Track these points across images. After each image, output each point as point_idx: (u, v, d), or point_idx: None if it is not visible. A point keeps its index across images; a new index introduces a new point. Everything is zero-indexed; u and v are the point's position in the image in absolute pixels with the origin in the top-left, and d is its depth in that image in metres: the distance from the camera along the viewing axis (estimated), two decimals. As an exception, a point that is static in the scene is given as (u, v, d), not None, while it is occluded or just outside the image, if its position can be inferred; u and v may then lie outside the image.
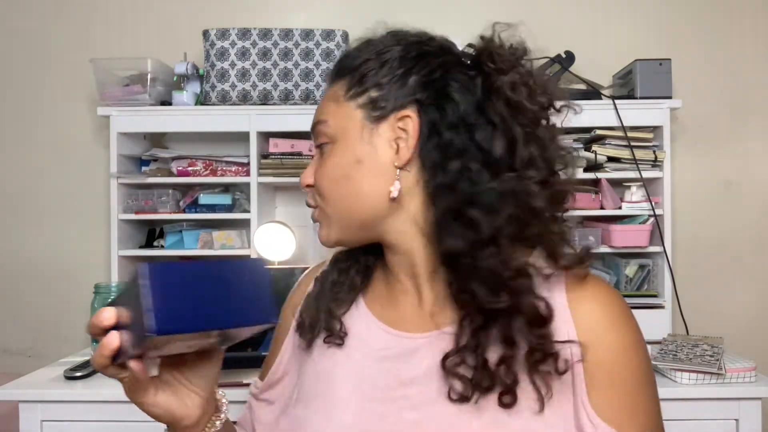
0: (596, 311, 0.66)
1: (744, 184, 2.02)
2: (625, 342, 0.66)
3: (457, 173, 0.64)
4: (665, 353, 1.48)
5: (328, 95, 0.72)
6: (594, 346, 0.64)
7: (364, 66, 0.69)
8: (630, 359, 0.65)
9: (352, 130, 0.68)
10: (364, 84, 0.68)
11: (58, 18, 2.10)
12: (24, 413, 1.43)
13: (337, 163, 0.69)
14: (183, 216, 1.90)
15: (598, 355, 0.64)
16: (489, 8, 1.98)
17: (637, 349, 0.66)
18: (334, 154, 0.69)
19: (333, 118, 0.70)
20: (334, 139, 0.69)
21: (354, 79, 0.69)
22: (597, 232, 1.81)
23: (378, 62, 0.68)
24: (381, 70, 0.68)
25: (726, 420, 1.42)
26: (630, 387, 0.64)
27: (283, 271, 1.74)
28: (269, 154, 1.86)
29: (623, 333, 0.66)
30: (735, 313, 2.01)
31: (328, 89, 0.73)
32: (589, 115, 1.80)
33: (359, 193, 0.68)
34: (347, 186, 0.68)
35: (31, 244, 2.09)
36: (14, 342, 2.10)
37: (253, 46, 1.84)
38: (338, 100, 0.70)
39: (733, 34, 2.03)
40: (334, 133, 0.69)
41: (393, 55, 0.68)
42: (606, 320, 0.66)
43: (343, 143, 0.69)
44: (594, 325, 0.65)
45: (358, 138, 0.68)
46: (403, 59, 0.68)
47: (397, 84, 0.67)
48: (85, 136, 2.09)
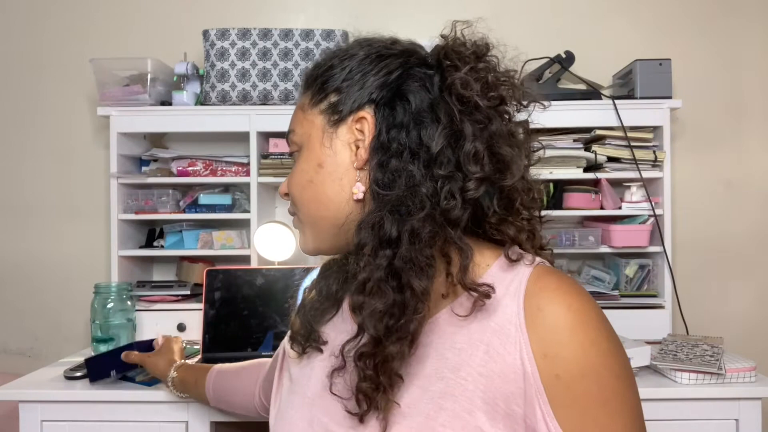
0: (554, 320, 0.59)
1: (744, 184, 2.02)
2: (587, 360, 0.58)
3: (393, 172, 0.64)
4: (665, 353, 1.48)
5: (297, 106, 0.75)
6: (550, 357, 0.59)
7: (326, 73, 0.71)
8: (595, 379, 0.58)
9: (314, 136, 0.70)
10: (325, 90, 0.70)
11: (58, 18, 2.10)
12: (24, 413, 1.43)
13: (303, 169, 0.71)
14: (183, 216, 1.90)
15: (555, 369, 0.58)
16: (489, 8, 1.97)
17: (602, 368, 0.59)
18: (300, 160, 0.72)
19: (299, 126, 0.72)
20: (301, 147, 0.72)
21: (317, 86, 0.71)
22: (597, 232, 1.81)
23: (339, 68, 0.70)
24: (341, 74, 0.69)
25: (726, 420, 1.42)
26: (596, 410, 0.58)
27: (283, 271, 1.74)
28: (269, 154, 1.86)
29: (584, 349, 0.59)
30: (735, 313, 2.01)
31: (297, 100, 0.76)
32: (589, 115, 1.80)
33: (324, 197, 0.69)
34: (312, 191, 0.70)
35: (31, 244, 2.09)
36: (14, 342, 2.10)
37: (253, 46, 1.84)
38: (304, 109, 0.72)
39: (733, 34, 2.03)
40: (301, 141, 0.72)
41: (354, 60, 0.69)
42: (564, 331, 0.59)
43: (307, 150, 0.71)
44: (550, 336, 0.59)
45: (319, 143, 0.70)
46: (363, 62, 0.69)
47: (356, 87, 0.68)
48: (85, 136, 2.09)
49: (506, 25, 2.02)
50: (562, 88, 1.88)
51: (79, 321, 2.04)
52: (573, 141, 1.81)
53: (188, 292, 1.88)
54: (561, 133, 1.82)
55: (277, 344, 1.68)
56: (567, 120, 1.80)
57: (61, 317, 2.07)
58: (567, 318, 0.59)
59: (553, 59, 1.85)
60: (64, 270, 2.08)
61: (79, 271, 2.06)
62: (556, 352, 0.59)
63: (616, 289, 1.82)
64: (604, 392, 0.58)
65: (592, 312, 0.61)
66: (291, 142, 0.74)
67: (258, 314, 1.70)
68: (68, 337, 2.06)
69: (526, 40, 1.96)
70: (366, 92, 0.68)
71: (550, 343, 0.59)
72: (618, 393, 0.59)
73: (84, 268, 2.06)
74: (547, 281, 0.63)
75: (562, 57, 1.86)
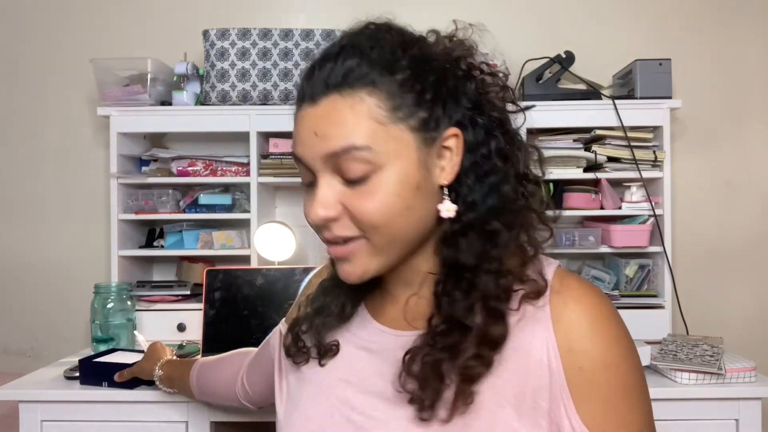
0: (578, 317, 0.63)
1: (744, 184, 2.02)
2: (610, 352, 0.62)
3: (490, 185, 0.66)
4: (665, 353, 1.48)
5: (354, 109, 0.61)
6: (575, 352, 0.61)
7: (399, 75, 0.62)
8: (615, 371, 0.62)
9: (408, 156, 0.62)
10: (406, 102, 0.62)
11: (58, 18, 2.10)
12: (24, 413, 1.43)
13: (397, 193, 0.61)
14: (183, 216, 1.90)
15: (580, 362, 0.61)
16: (490, 8, 1.98)
17: (623, 361, 0.63)
18: (387, 182, 0.61)
19: (380, 143, 0.61)
20: (382, 166, 0.61)
21: (392, 95, 0.61)
22: (597, 232, 1.81)
23: (409, 75, 0.62)
24: (414, 83, 0.62)
25: (726, 420, 1.42)
26: (616, 400, 0.62)
27: (283, 271, 1.74)
28: (269, 154, 1.86)
29: (608, 342, 0.62)
30: (735, 313, 2.01)
31: (339, 96, 0.61)
32: (589, 115, 1.80)
33: (417, 221, 0.64)
34: (409, 214, 0.63)
35: (31, 244, 2.09)
36: (14, 342, 2.10)
37: (253, 47, 1.84)
38: (379, 120, 0.61)
39: (733, 34, 2.03)
40: (382, 161, 0.61)
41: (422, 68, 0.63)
42: (588, 327, 0.62)
43: (394, 171, 0.61)
44: (575, 331, 0.62)
45: (416, 164, 0.62)
46: (433, 71, 0.64)
47: (439, 101, 0.64)
48: (85, 136, 2.09)
49: (506, 25, 2.04)
50: (562, 88, 1.88)
51: (79, 321, 2.04)
52: (573, 141, 1.81)
53: (188, 292, 1.88)
54: (561, 133, 1.82)
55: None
56: (567, 120, 1.80)
57: (61, 317, 2.07)
58: (592, 314, 0.63)
59: (553, 59, 1.85)
60: (64, 270, 2.08)
61: (79, 271, 2.06)
62: (580, 346, 0.62)
63: (616, 289, 1.82)
64: (624, 384, 0.62)
65: (613, 311, 0.65)
66: (360, 160, 0.60)
67: (258, 314, 1.70)
68: (68, 337, 2.06)
69: (526, 40, 1.96)
70: (451, 108, 0.65)
71: (575, 338, 0.62)
72: (636, 386, 0.63)
73: (84, 268, 2.06)
74: (570, 280, 0.66)
75: (562, 57, 1.86)
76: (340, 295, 0.75)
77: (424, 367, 0.62)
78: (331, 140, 0.61)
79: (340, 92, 0.61)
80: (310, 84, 0.63)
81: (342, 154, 0.61)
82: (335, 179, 0.63)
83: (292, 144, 0.66)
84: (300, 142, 0.64)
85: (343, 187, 0.63)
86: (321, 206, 0.63)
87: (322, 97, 0.62)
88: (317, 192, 0.63)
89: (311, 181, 0.65)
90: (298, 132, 0.65)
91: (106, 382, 1.42)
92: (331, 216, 0.63)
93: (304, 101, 0.64)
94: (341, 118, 0.61)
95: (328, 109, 0.61)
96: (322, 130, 0.61)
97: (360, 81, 0.61)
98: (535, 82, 1.84)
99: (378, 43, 0.63)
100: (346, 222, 0.63)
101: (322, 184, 0.63)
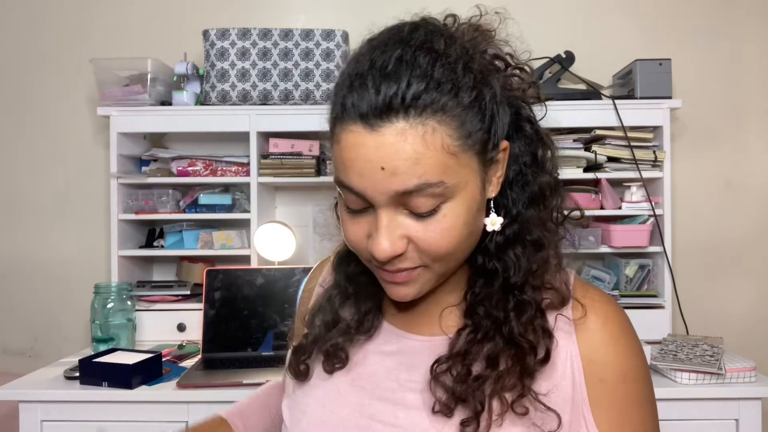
0: (601, 329, 0.63)
1: (744, 184, 2.02)
2: (629, 364, 0.63)
3: (530, 195, 0.65)
4: (665, 353, 1.48)
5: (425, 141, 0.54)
6: (596, 363, 0.62)
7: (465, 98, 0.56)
8: (634, 383, 0.62)
9: (473, 182, 0.58)
10: (473, 127, 0.57)
11: (58, 18, 2.10)
12: (24, 413, 1.43)
13: (464, 221, 0.58)
14: (183, 216, 1.90)
15: (601, 373, 0.61)
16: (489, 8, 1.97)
17: (640, 374, 0.63)
18: (456, 212, 0.58)
19: (452, 175, 0.56)
20: (452, 197, 0.57)
21: (461, 122, 0.56)
22: (597, 232, 1.81)
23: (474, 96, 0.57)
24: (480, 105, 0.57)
25: (726, 420, 1.42)
26: (632, 412, 0.62)
27: (283, 271, 1.74)
28: (269, 154, 1.86)
29: (627, 354, 0.63)
30: (735, 313, 2.01)
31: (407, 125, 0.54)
32: (589, 115, 1.80)
33: (474, 240, 0.62)
34: (470, 237, 0.61)
35: (31, 244, 2.09)
36: (14, 342, 2.10)
37: (253, 46, 1.84)
38: (451, 151, 0.55)
39: (733, 34, 2.03)
40: (453, 193, 0.57)
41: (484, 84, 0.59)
42: (610, 339, 0.62)
43: (462, 198, 0.58)
44: (598, 343, 0.62)
45: (477, 187, 0.59)
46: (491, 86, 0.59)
47: (495, 118, 0.60)
48: (85, 136, 2.09)
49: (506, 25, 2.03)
50: (562, 88, 1.88)
51: (79, 321, 2.04)
52: (573, 141, 1.81)
53: (188, 292, 1.88)
54: (561, 133, 1.82)
55: (277, 344, 1.68)
56: (567, 120, 1.80)
57: (61, 317, 2.07)
58: (612, 326, 0.63)
59: (553, 59, 1.85)
60: (64, 270, 2.08)
61: (79, 271, 2.06)
62: (601, 357, 0.62)
63: (616, 289, 1.82)
64: (641, 395, 0.63)
65: (628, 321, 0.65)
66: (433, 195, 0.56)
67: (258, 314, 1.70)
68: (68, 337, 2.06)
69: (526, 40, 1.96)
70: (500, 124, 0.60)
71: (597, 349, 0.62)
72: (649, 396, 0.64)
73: (84, 268, 2.06)
74: (591, 291, 0.66)
75: (562, 57, 1.86)
76: (353, 305, 0.71)
77: (459, 376, 0.61)
78: (402, 177, 0.54)
79: (408, 120, 0.54)
80: (362, 102, 0.55)
81: (414, 192, 0.55)
82: (399, 212, 0.58)
83: (340, 170, 0.58)
84: (358, 173, 0.56)
85: (408, 221, 0.58)
86: (388, 242, 0.57)
87: (385, 124, 0.54)
88: (381, 227, 0.57)
89: (363, 209, 0.59)
90: (351, 160, 0.56)
91: (106, 382, 1.42)
92: (398, 252, 0.58)
93: (356, 123, 0.55)
94: (413, 152, 0.54)
95: (396, 140, 0.54)
96: (391, 165, 0.54)
97: (429, 108, 0.54)
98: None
99: (437, 59, 0.56)
100: (411, 255, 0.59)
101: (386, 217, 0.57)
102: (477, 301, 0.64)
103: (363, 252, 0.61)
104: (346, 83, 0.57)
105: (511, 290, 0.63)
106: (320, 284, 0.79)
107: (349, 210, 0.60)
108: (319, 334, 0.71)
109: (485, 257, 0.64)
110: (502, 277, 0.63)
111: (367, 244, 0.60)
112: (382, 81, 0.54)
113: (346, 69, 0.59)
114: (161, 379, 1.48)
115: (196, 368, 1.55)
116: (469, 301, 0.65)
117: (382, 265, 0.60)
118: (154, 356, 1.49)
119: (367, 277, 0.69)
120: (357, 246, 0.61)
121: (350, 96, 0.56)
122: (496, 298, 0.63)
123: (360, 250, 0.61)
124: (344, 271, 0.72)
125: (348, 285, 0.71)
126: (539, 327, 0.62)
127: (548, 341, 0.61)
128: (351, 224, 0.61)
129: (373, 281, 0.67)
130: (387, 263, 0.59)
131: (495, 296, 0.63)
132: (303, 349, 0.72)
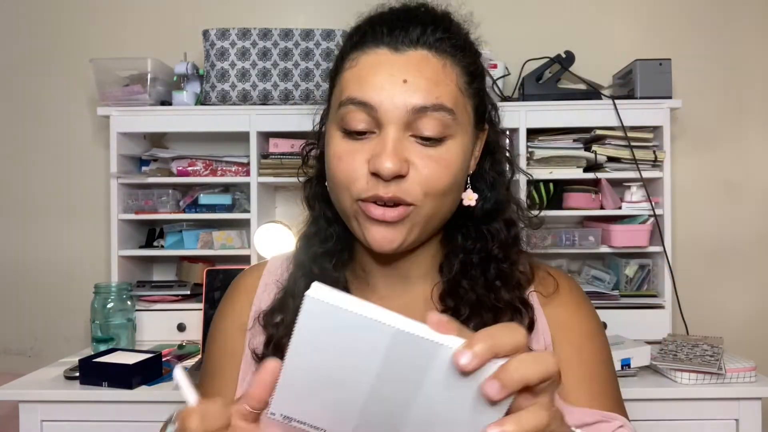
0: (566, 299, 0.70)
1: (744, 184, 2.02)
2: (592, 325, 0.70)
3: (498, 173, 0.70)
4: (665, 353, 1.48)
5: (445, 70, 0.59)
6: (565, 328, 0.68)
7: (471, 55, 0.63)
8: (598, 338, 0.69)
9: (468, 133, 0.62)
10: (477, 85, 0.64)
11: (58, 18, 2.09)
12: (24, 413, 1.42)
13: (459, 165, 0.60)
14: (183, 216, 1.90)
15: (569, 336, 0.68)
16: (489, 7, 1.97)
17: (601, 331, 0.71)
18: (455, 151, 0.60)
19: (459, 110, 0.60)
20: (455, 135, 0.60)
21: (469, 70, 0.62)
22: (597, 232, 1.81)
23: (472, 61, 0.63)
24: (475, 72, 0.64)
25: (726, 420, 1.42)
26: (600, 365, 0.68)
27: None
28: (269, 154, 1.86)
29: (589, 317, 0.70)
30: (735, 313, 2.01)
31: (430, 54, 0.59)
32: (589, 115, 1.80)
33: (453, 201, 0.64)
34: (453, 193, 0.62)
35: (31, 244, 2.09)
36: (14, 342, 2.10)
37: (253, 46, 1.84)
38: (460, 88, 0.61)
39: (733, 34, 2.03)
40: (457, 130, 0.60)
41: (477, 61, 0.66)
42: (575, 307, 0.70)
43: (461, 141, 0.61)
44: (564, 312, 0.69)
45: (470, 143, 0.63)
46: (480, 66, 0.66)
47: (483, 92, 0.67)
48: (85, 136, 2.09)
49: (506, 25, 2.03)
50: (562, 88, 1.88)
51: (79, 321, 2.04)
52: (573, 141, 1.81)
53: (188, 292, 1.88)
54: (561, 133, 1.82)
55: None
56: (567, 120, 1.80)
57: (61, 317, 2.07)
58: (575, 294, 0.71)
59: (553, 59, 1.85)
60: (64, 270, 2.08)
61: (79, 271, 2.06)
62: (568, 322, 0.68)
63: (616, 289, 1.82)
64: (603, 353, 0.69)
65: (581, 289, 0.74)
66: (443, 123, 0.58)
67: (258, 314, 1.69)
68: (68, 337, 2.06)
69: (526, 40, 1.96)
70: (488, 102, 0.68)
71: (566, 318, 0.69)
72: (610, 354, 0.71)
73: (84, 268, 2.06)
74: (547, 268, 0.73)
75: (562, 57, 1.86)
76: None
77: None
78: (422, 92, 0.57)
79: (430, 50, 0.59)
80: (388, 33, 0.59)
81: (430, 110, 0.57)
82: (406, 138, 0.58)
83: (354, 88, 0.59)
84: (378, 86, 0.58)
85: (414, 145, 0.59)
86: (394, 158, 0.57)
87: (410, 49, 0.59)
88: (388, 142, 0.57)
89: (365, 131, 0.59)
90: (372, 75, 0.58)
91: (106, 382, 1.42)
92: (402, 172, 0.57)
93: (380, 46, 0.59)
94: (434, 73, 0.58)
95: (419, 61, 0.58)
96: (415, 79, 0.57)
97: (449, 49, 0.60)
98: (535, 82, 1.84)
99: (453, 24, 0.64)
100: (410, 185, 0.58)
101: (395, 136, 0.58)
102: (457, 278, 0.66)
103: (356, 184, 0.59)
104: (366, 22, 0.63)
105: (494, 261, 0.67)
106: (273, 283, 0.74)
107: (348, 136, 0.60)
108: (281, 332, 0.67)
109: (463, 232, 0.69)
110: (484, 250, 0.67)
111: (364, 171, 0.58)
112: (409, 19, 0.60)
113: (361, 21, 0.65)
114: (161, 379, 1.48)
115: (196, 368, 1.55)
116: (447, 276, 0.67)
117: (376, 189, 0.58)
118: (154, 356, 1.49)
119: (331, 259, 0.69)
120: (351, 176, 0.59)
121: (376, 28, 0.61)
122: (480, 269, 0.67)
123: (354, 180, 0.59)
124: (310, 251, 0.71)
125: (313, 265, 0.69)
126: (518, 298, 0.66)
127: (531, 312, 0.67)
128: (347, 154, 0.60)
129: (338, 264, 0.68)
130: (383, 189, 0.58)
131: (477, 268, 0.67)
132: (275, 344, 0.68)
